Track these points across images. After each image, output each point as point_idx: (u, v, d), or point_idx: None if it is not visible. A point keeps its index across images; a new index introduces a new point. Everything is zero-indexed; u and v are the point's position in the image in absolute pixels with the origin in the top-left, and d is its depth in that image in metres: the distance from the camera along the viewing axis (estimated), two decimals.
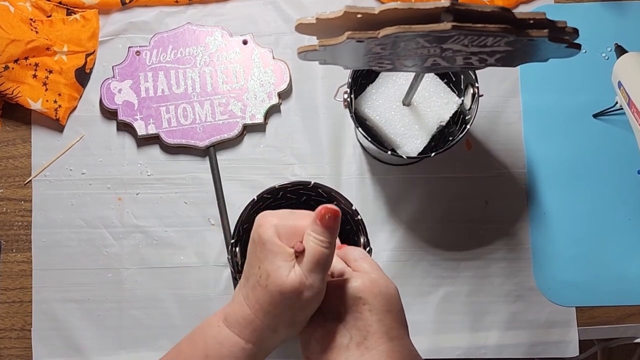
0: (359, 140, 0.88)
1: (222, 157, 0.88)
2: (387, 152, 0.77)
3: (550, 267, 0.86)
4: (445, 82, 0.82)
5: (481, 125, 0.89)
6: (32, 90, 0.86)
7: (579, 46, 0.54)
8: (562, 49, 0.53)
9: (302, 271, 0.49)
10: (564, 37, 0.51)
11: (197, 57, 0.88)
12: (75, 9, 0.90)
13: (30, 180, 0.87)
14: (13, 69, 0.84)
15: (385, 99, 0.81)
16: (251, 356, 0.53)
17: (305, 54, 0.56)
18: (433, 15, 0.48)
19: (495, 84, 0.90)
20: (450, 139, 0.79)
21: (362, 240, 0.75)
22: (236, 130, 0.87)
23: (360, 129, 0.76)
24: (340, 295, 0.52)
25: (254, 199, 0.74)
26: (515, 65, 0.60)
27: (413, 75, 0.72)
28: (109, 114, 0.88)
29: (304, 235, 0.51)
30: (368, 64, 0.61)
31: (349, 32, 0.50)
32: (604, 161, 0.88)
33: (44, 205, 0.87)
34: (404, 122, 0.80)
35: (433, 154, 0.76)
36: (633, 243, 0.86)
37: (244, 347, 0.52)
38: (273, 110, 0.89)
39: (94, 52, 0.89)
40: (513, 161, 0.88)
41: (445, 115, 0.81)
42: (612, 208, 0.87)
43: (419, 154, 0.80)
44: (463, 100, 0.81)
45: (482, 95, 0.78)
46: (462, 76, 0.81)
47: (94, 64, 0.90)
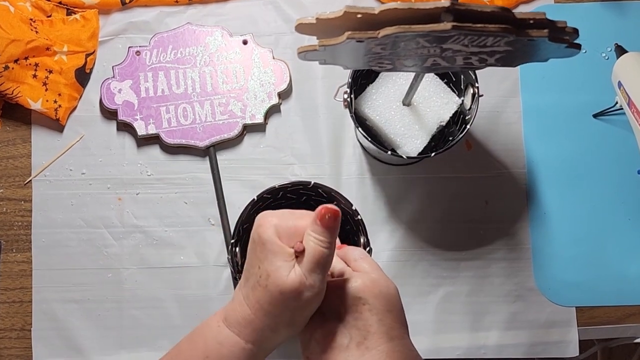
0: (359, 140, 0.88)
1: (222, 157, 0.88)
2: (387, 152, 0.77)
3: (550, 267, 0.86)
4: (445, 82, 0.82)
5: (481, 125, 0.89)
6: (32, 90, 0.86)
7: (579, 46, 0.54)
8: (562, 49, 0.53)
9: (302, 271, 0.49)
10: (564, 37, 0.51)
11: (197, 57, 0.88)
12: (75, 9, 0.90)
13: (30, 180, 0.87)
14: (13, 69, 0.84)
15: (385, 99, 0.81)
16: (251, 356, 0.53)
17: (305, 54, 0.56)
18: (433, 15, 0.48)
19: (495, 84, 0.90)
20: (450, 139, 0.79)
21: (362, 240, 0.75)
22: (236, 130, 0.87)
23: (360, 129, 0.76)
24: (340, 295, 0.52)
25: (254, 199, 0.74)
26: (515, 65, 0.60)
27: (413, 75, 0.72)
28: (109, 114, 0.88)
29: (304, 235, 0.51)
30: (368, 64, 0.61)
31: (349, 32, 0.50)
32: (603, 161, 0.88)
33: (44, 205, 0.87)
34: (404, 122, 0.80)
35: (433, 154, 0.76)
36: (633, 243, 0.86)
37: (244, 347, 0.52)
38: (273, 110, 0.89)
39: (94, 52, 0.89)
40: (513, 161, 0.88)
41: (445, 115, 0.81)
42: (612, 208, 0.87)
43: (419, 154, 0.80)
44: (463, 100, 0.81)
45: (482, 95, 0.78)
46: (462, 76, 0.81)
47: (94, 64, 0.90)
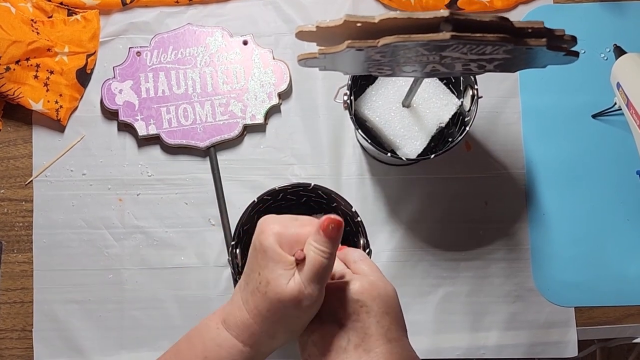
0: (358, 140, 0.89)
1: (223, 158, 0.88)
2: (387, 154, 0.77)
3: (550, 268, 0.86)
4: (444, 84, 0.83)
5: (480, 126, 0.89)
6: (33, 91, 0.86)
7: (577, 54, 0.54)
8: (560, 56, 0.53)
9: (302, 280, 0.50)
10: (562, 45, 0.52)
11: (198, 58, 0.88)
12: (76, 10, 0.90)
13: (31, 180, 0.88)
14: (14, 70, 0.84)
15: (384, 101, 0.81)
16: (249, 359, 0.53)
17: (305, 61, 0.56)
18: (432, 25, 0.49)
19: (495, 85, 0.90)
20: (450, 140, 0.80)
21: (362, 241, 0.75)
22: (236, 131, 0.87)
23: (359, 131, 0.76)
24: (339, 298, 0.52)
25: (254, 201, 0.74)
26: (514, 71, 0.60)
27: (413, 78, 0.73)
28: (110, 114, 0.89)
29: (305, 242, 0.51)
30: (368, 70, 0.61)
31: (349, 41, 0.51)
32: (602, 162, 0.88)
33: (45, 205, 0.87)
34: (403, 124, 0.80)
35: (433, 156, 0.76)
36: (632, 243, 0.87)
37: (242, 350, 0.53)
38: (273, 111, 0.89)
39: (94, 53, 0.89)
40: (512, 162, 0.89)
41: (445, 116, 0.81)
42: (611, 208, 0.87)
43: (419, 156, 0.80)
44: (462, 102, 0.81)
45: (482, 97, 0.78)
46: (462, 78, 0.81)
47: (95, 64, 0.90)
